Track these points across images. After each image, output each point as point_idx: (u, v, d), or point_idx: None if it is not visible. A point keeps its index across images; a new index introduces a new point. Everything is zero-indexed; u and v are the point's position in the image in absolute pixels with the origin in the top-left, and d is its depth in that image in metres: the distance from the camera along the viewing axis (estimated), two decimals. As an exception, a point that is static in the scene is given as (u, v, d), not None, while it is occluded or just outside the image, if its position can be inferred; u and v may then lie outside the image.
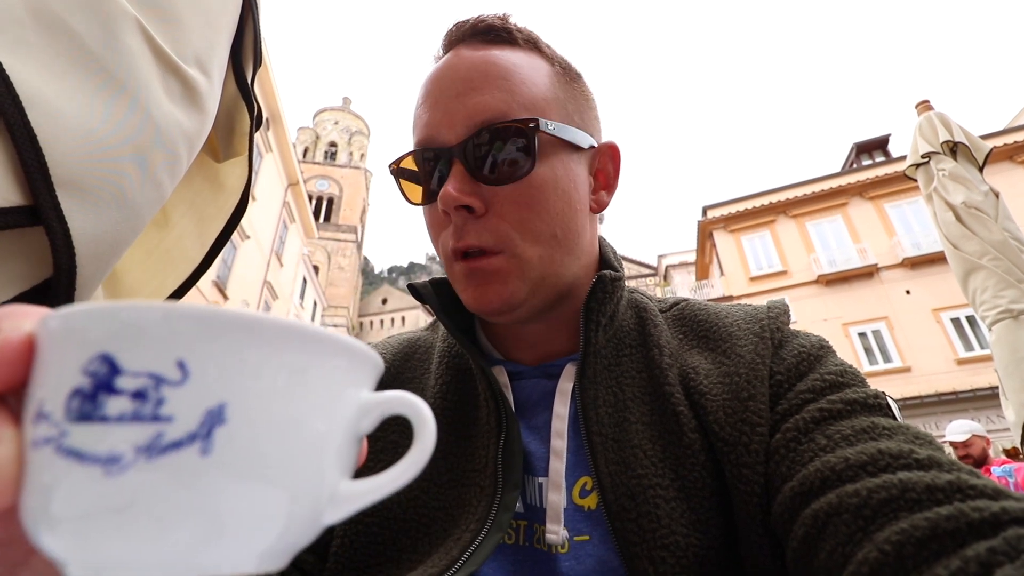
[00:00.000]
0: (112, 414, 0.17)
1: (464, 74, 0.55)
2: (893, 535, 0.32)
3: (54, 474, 0.17)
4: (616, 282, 0.58)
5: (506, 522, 0.48)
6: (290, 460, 0.19)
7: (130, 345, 0.18)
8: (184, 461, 0.17)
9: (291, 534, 0.20)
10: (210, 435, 0.18)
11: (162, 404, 0.17)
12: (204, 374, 0.18)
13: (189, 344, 0.18)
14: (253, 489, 0.18)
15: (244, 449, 0.18)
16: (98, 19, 0.54)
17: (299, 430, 0.20)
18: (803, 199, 16.80)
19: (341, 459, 0.22)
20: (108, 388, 0.17)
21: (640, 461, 0.49)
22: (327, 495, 0.21)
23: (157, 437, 0.17)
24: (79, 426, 0.17)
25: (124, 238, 0.58)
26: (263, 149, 16.70)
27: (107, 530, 0.17)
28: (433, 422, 0.24)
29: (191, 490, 0.17)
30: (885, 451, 0.38)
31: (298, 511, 0.20)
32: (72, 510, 0.17)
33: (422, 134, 0.56)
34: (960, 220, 2.83)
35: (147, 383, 0.17)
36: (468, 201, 0.52)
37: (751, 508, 0.44)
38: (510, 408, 0.54)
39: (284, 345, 0.19)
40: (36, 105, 0.47)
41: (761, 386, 0.49)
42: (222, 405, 0.18)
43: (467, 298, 0.56)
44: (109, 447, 0.17)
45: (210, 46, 0.72)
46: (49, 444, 0.17)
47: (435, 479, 0.54)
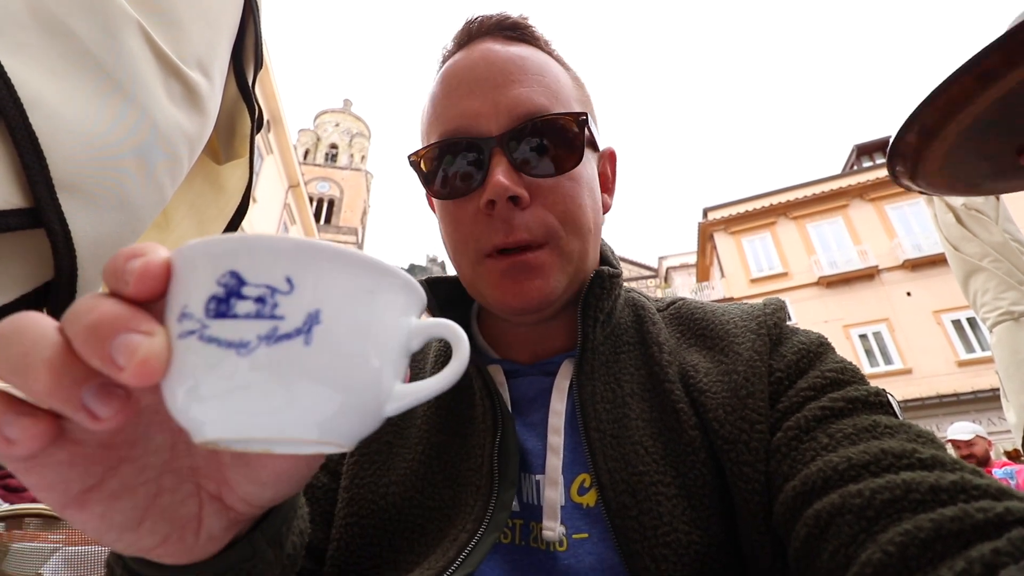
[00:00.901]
0: (241, 312, 0.23)
1: (501, 66, 0.55)
2: (897, 536, 0.31)
3: (198, 355, 0.23)
4: (614, 279, 0.58)
5: (503, 521, 0.47)
6: (363, 355, 0.25)
7: (252, 264, 0.23)
8: (292, 348, 0.23)
9: (353, 414, 0.26)
10: (311, 331, 0.23)
11: (277, 307, 0.23)
12: (305, 287, 0.24)
13: (293, 265, 0.24)
14: (337, 374, 0.24)
15: (334, 342, 0.24)
16: (99, 22, 0.55)
17: (369, 334, 0.26)
18: (804, 201, 16.81)
19: (396, 365, 0.28)
20: (237, 294, 0.23)
21: (641, 458, 0.48)
22: (387, 390, 0.27)
23: (274, 329, 0.23)
24: (217, 321, 0.23)
25: (125, 239, 0.59)
26: (264, 151, 16.71)
27: (231, 396, 0.23)
28: (467, 342, 0.29)
29: (292, 369, 0.23)
30: (888, 450, 0.37)
31: (361, 394, 0.26)
32: (210, 381, 0.23)
33: (456, 123, 0.54)
34: (960, 222, 2.83)
35: (265, 292, 0.23)
36: (518, 191, 0.51)
37: (752, 506, 0.44)
38: (505, 406, 0.53)
39: (360, 270, 0.25)
40: (37, 107, 0.47)
41: (760, 383, 0.49)
42: (318, 310, 0.24)
43: (502, 294, 0.54)
44: (240, 335, 0.23)
45: (211, 48, 0.73)
46: (193, 335, 0.23)
47: (430, 479, 0.53)
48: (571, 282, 0.55)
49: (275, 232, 5.86)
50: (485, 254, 0.54)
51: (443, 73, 0.59)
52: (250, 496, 0.32)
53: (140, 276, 0.23)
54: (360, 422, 0.27)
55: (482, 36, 0.59)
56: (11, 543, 1.41)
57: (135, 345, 0.22)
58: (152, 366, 0.22)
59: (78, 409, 0.23)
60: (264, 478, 0.31)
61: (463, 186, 0.54)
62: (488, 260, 0.54)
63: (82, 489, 0.27)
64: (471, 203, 0.54)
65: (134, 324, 0.23)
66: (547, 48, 0.61)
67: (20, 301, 0.51)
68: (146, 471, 0.30)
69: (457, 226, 0.56)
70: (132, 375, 0.22)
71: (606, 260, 0.63)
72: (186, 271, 0.24)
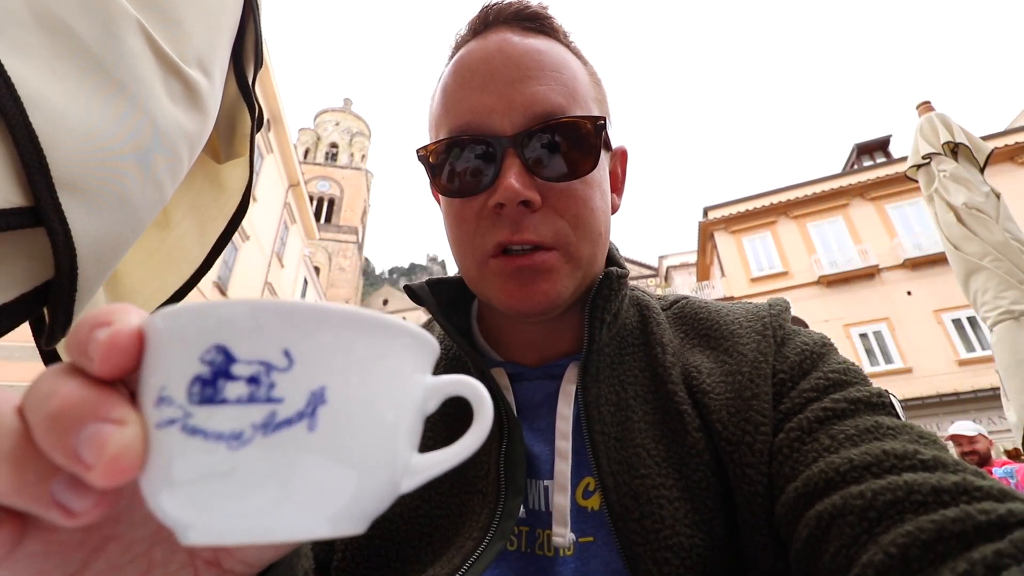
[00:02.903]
0: (231, 397, 0.20)
1: (517, 60, 0.52)
2: (899, 537, 0.31)
3: (180, 449, 0.20)
4: (621, 280, 0.58)
5: (509, 529, 0.46)
6: (375, 433, 0.22)
7: (241, 337, 0.20)
8: (294, 436, 0.20)
9: (368, 499, 0.23)
10: (315, 413, 0.20)
11: (273, 387, 0.20)
12: (306, 361, 0.20)
13: (291, 335, 0.20)
14: (348, 459, 0.21)
15: (342, 424, 0.21)
16: (99, 20, 0.54)
17: (381, 408, 0.23)
18: (804, 200, 16.79)
19: (412, 435, 0.25)
20: (226, 374, 0.20)
21: (643, 461, 0.48)
22: (402, 465, 0.24)
23: (271, 415, 0.20)
24: (202, 408, 0.20)
25: (125, 239, 0.59)
26: (264, 150, 16.71)
27: (222, 495, 0.20)
28: (490, 400, 0.27)
29: (296, 460, 0.20)
30: (890, 452, 0.37)
31: (375, 478, 0.23)
32: (196, 480, 0.20)
33: (468, 118, 0.52)
34: (961, 221, 2.83)
35: (259, 369, 0.20)
36: (529, 196, 0.49)
37: (755, 508, 0.43)
38: (512, 412, 0.52)
39: (367, 334, 0.22)
40: (38, 106, 0.47)
41: (764, 384, 0.48)
42: (323, 387, 0.21)
43: (507, 297, 0.52)
44: (231, 425, 0.19)
45: (211, 47, 0.73)
46: (174, 424, 0.20)
47: (436, 487, 0.52)
48: (579, 286, 0.55)
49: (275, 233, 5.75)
50: (490, 254, 0.52)
51: (456, 62, 0.56)
52: (250, 558, 0.30)
53: (107, 350, 0.20)
54: (374, 506, 0.23)
55: (499, 25, 0.56)
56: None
57: (104, 438, 0.19)
58: (126, 463, 0.19)
59: (49, 506, 0.20)
60: None
61: (472, 184, 0.52)
62: (493, 261, 0.52)
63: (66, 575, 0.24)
64: (479, 201, 0.52)
65: (103, 412, 0.19)
66: (565, 41, 0.58)
67: (20, 300, 0.51)
68: (134, 547, 0.27)
69: (462, 223, 0.54)
70: (102, 474, 0.19)
71: (613, 260, 0.62)
72: (163, 344, 0.21)
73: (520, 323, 0.59)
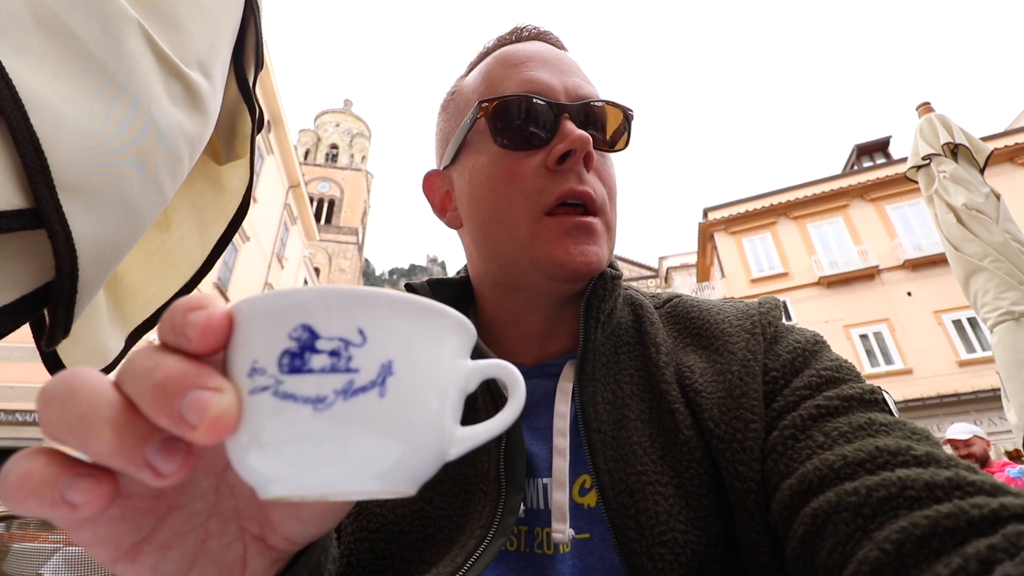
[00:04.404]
0: (316, 367, 0.23)
1: (560, 57, 0.62)
2: (893, 534, 0.31)
3: (273, 411, 0.23)
4: (615, 280, 0.59)
5: (511, 526, 0.47)
6: (430, 403, 0.26)
7: (324, 317, 0.23)
8: (368, 401, 0.23)
9: (421, 461, 0.26)
10: (384, 383, 0.23)
11: (351, 360, 0.23)
12: (377, 338, 0.24)
13: (365, 316, 0.24)
14: (409, 424, 0.24)
15: (405, 393, 0.24)
16: (100, 22, 0.55)
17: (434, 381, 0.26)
18: (804, 201, 16.80)
19: (456, 409, 0.28)
20: (312, 348, 0.23)
21: (639, 458, 0.49)
22: (449, 434, 0.27)
23: (350, 383, 0.23)
24: (291, 376, 0.23)
25: (126, 240, 0.59)
26: (264, 151, 16.72)
27: (306, 452, 0.23)
28: (523, 382, 0.30)
29: (369, 422, 0.23)
30: (883, 448, 0.38)
31: (430, 442, 0.26)
32: (286, 438, 0.23)
33: (529, 86, 0.58)
34: (961, 222, 2.83)
35: (339, 344, 0.23)
36: (592, 150, 0.55)
37: (749, 505, 0.44)
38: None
39: (425, 317, 0.25)
40: (38, 108, 0.47)
41: (754, 383, 0.49)
42: (391, 361, 0.24)
43: (564, 254, 0.53)
44: (317, 390, 0.22)
45: (212, 49, 0.73)
46: (267, 391, 0.23)
47: (438, 488, 0.53)
48: (607, 258, 0.58)
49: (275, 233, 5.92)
50: (546, 210, 0.54)
51: (503, 52, 0.63)
52: (293, 535, 0.32)
53: (204, 330, 0.23)
54: (426, 469, 0.27)
55: (530, 38, 0.66)
56: (12, 543, 1.41)
57: (206, 403, 0.22)
58: (224, 423, 0.22)
59: (142, 467, 0.22)
60: (307, 517, 0.31)
61: (532, 140, 0.56)
62: (548, 219, 0.54)
63: (134, 542, 0.27)
64: (535, 158, 0.56)
65: (202, 380, 0.22)
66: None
67: (20, 302, 0.51)
68: (194, 517, 0.29)
69: (516, 180, 0.56)
70: (205, 433, 0.22)
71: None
72: (253, 325, 0.24)
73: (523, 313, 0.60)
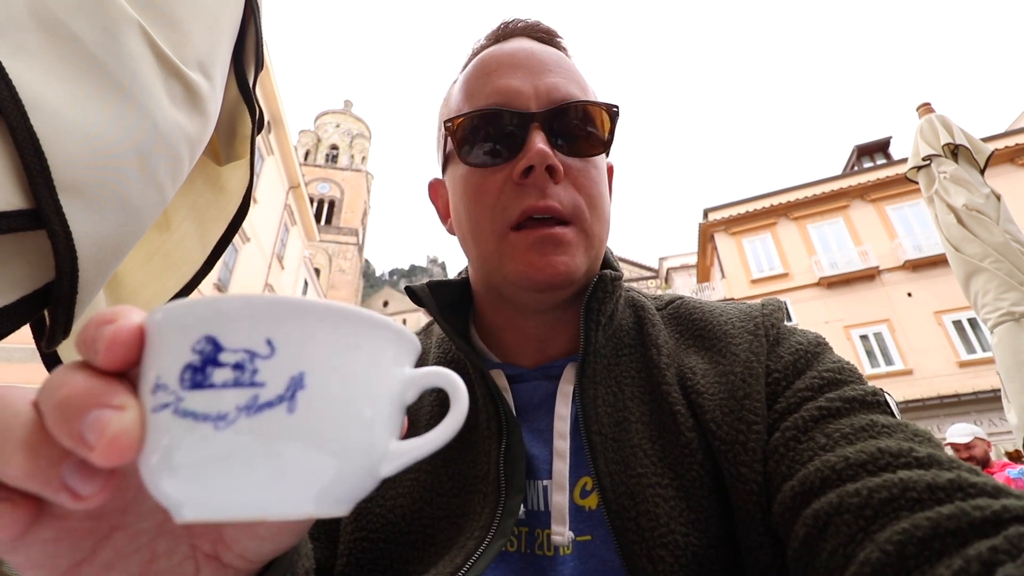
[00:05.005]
0: (218, 381, 0.22)
1: (541, 56, 0.59)
2: (895, 535, 0.31)
3: (173, 430, 0.22)
4: (616, 281, 0.59)
5: (510, 528, 0.47)
6: (353, 416, 0.24)
7: (228, 328, 0.22)
8: (275, 417, 0.22)
9: (348, 480, 0.24)
10: (294, 397, 0.22)
11: (256, 373, 0.22)
12: (287, 349, 0.22)
13: (273, 325, 0.22)
14: (326, 441, 0.23)
15: (319, 408, 0.23)
16: (101, 23, 0.55)
17: (357, 393, 0.24)
18: (804, 201, 16.80)
19: (391, 422, 0.27)
20: (214, 362, 0.22)
21: (640, 460, 0.49)
22: (380, 450, 0.26)
23: (254, 399, 0.22)
24: (192, 393, 0.21)
25: (126, 241, 0.59)
26: (264, 152, 16.73)
27: (210, 473, 0.22)
28: (466, 392, 0.28)
29: (277, 440, 0.22)
30: (885, 449, 0.38)
31: (354, 460, 0.24)
32: (187, 459, 0.22)
33: (496, 98, 0.56)
34: (961, 222, 2.83)
35: (244, 357, 0.22)
36: (555, 163, 0.52)
37: (750, 507, 0.44)
38: (511, 412, 0.53)
39: (344, 325, 0.24)
40: (38, 109, 0.47)
41: (757, 384, 0.49)
42: (302, 373, 0.22)
43: (528, 267, 0.53)
44: (218, 407, 0.21)
45: (212, 49, 0.73)
46: (168, 408, 0.22)
47: (437, 488, 0.53)
48: (589, 267, 0.56)
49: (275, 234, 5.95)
50: (512, 225, 0.53)
51: (480, 59, 0.61)
52: (248, 552, 0.30)
53: (110, 344, 0.22)
54: (355, 487, 0.25)
55: (517, 34, 0.64)
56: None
57: (104, 422, 0.21)
58: (124, 444, 0.21)
59: (58, 490, 0.22)
60: (263, 533, 0.30)
61: (497, 156, 0.55)
62: (513, 234, 0.54)
63: (72, 564, 0.26)
64: (501, 173, 0.55)
65: (105, 399, 0.21)
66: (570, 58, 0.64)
67: (21, 302, 0.51)
68: (139, 537, 0.28)
69: (482, 197, 0.55)
70: (102, 455, 0.21)
71: (607, 263, 0.64)
72: (159, 337, 0.23)
73: (520, 317, 0.60)
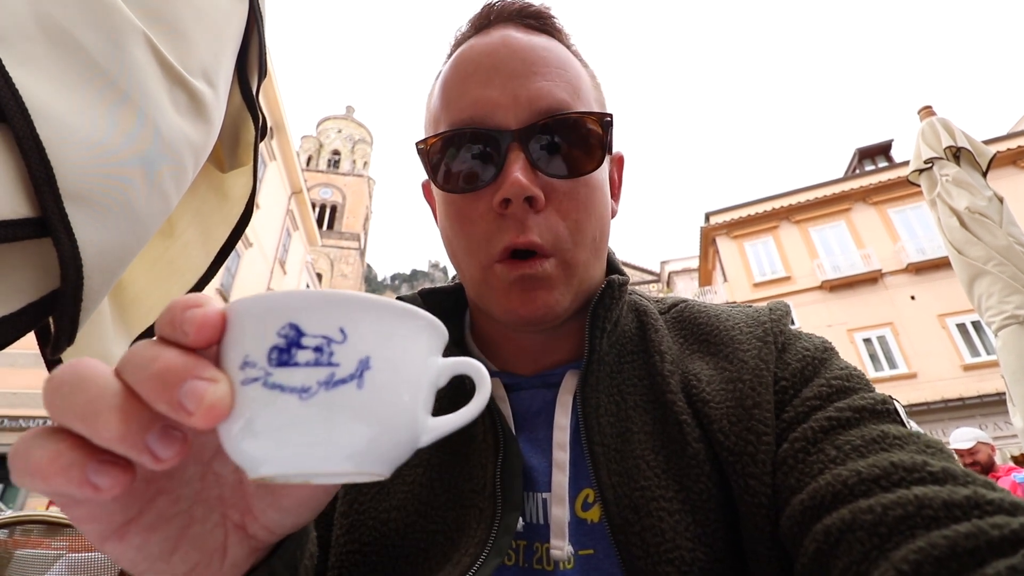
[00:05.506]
0: (301, 361, 0.25)
1: (523, 55, 0.51)
2: (911, 554, 0.31)
3: (262, 400, 0.25)
4: (622, 287, 0.57)
5: (506, 545, 0.45)
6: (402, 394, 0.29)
7: (309, 318, 0.26)
8: (347, 391, 0.26)
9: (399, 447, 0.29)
10: (362, 375, 0.26)
11: (333, 355, 0.26)
12: (356, 336, 0.27)
13: (345, 317, 0.27)
14: (384, 413, 0.27)
15: (380, 386, 0.27)
16: (106, 33, 0.55)
17: (406, 376, 0.29)
18: (806, 205, 16.78)
19: (427, 401, 0.31)
20: (297, 345, 0.26)
21: (643, 472, 0.47)
22: (421, 423, 0.30)
23: (331, 376, 0.26)
24: (279, 369, 0.25)
25: (130, 248, 0.59)
26: (267, 158, 16.79)
27: (291, 436, 0.25)
28: (489, 379, 0.33)
29: (348, 410, 0.26)
30: (898, 464, 0.37)
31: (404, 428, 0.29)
32: (271, 423, 0.25)
33: (471, 112, 0.51)
34: (964, 225, 2.82)
35: (322, 341, 0.26)
36: (535, 192, 0.48)
37: (758, 520, 0.42)
38: (508, 425, 0.51)
39: (399, 319, 0.28)
40: (45, 117, 0.48)
41: (766, 393, 0.47)
42: (368, 356, 0.27)
43: (510, 305, 0.51)
44: (302, 381, 0.25)
45: (216, 59, 0.73)
46: (257, 381, 0.25)
47: (432, 502, 0.51)
48: (576, 295, 0.53)
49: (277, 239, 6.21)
50: (496, 259, 0.51)
51: (457, 57, 0.55)
52: (272, 524, 0.33)
53: (200, 326, 0.25)
54: (399, 453, 0.30)
55: (502, 22, 0.56)
56: (15, 549, 1.41)
57: (202, 391, 0.24)
58: (219, 410, 0.24)
59: (143, 452, 0.24)
60: (287, 506, 0.33)
61: (475, 180, 0.51)
62: (498, 266, 0.51)
63: (123, 521, 0.29)
64: (482, 199, 0.51)
65: (198, 371, 0.24)
66: (567, 42, 0.58)
67: (26, 310, 0.51)
68: (179, 502, 0.31)
69: (465, 224, 0.53)
70: (201, 418, 0.24)
71: (612, 266, 0.61)
72: (245, 323, 0.27)
73: (517, 332, 0.57)
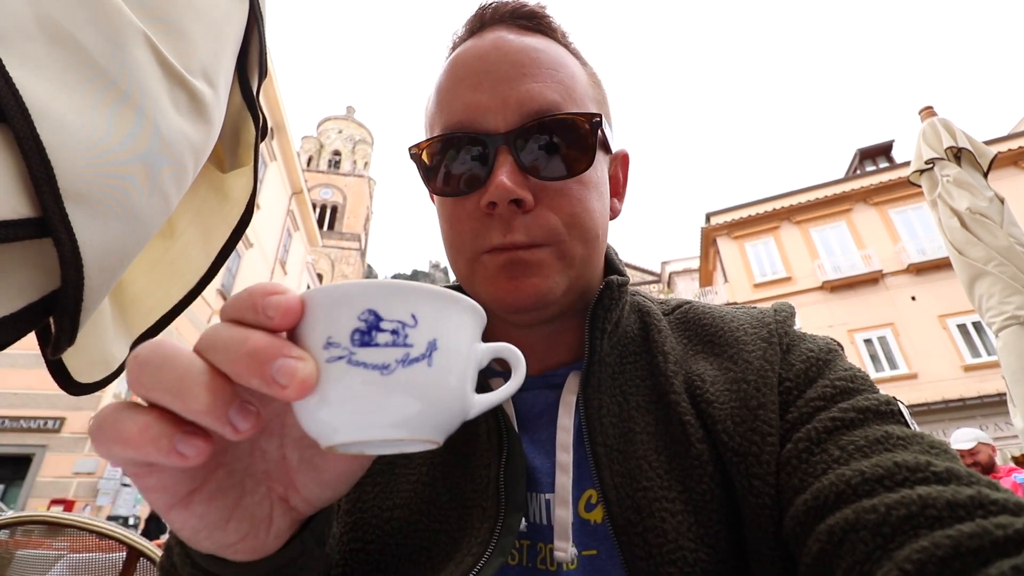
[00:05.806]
0: (381, 342, 0.29)
1: (513, 57, 0.52)
2: (914, 554, 0.31)
3: (347, 375, 0.28)
4: (622, 288, 0.57)
5: (509, 545, 0.45)
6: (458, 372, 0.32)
7: (386, 304, 0.30)
8: (420, 369, 0.30)
9: (455, 417, 0.33)
10: (431, 356, 0.30)
11: (407, 337, 0.29)
12: (425, 321, 0.30)
13: (416, 304, 0.30)
14: (447, 387, 0.31)
15: (444, 365, 0.31)
16: (106, 33, 0.55)
17: (461, 356, 0.33)
18: (807, 205, 16.78)
19: (474, 379, 0.35)
20: (377, 328, 0.29)
21: (645, 473, 0.47)
22: (469, 399, 0.34)
23: (407, 355, 0.29)
24: (362, 349, 0.29)
25: (131, 249, 0.59)
26: (267, 158, 16.79)
27: (369, 407, 0.29)
28: (524, 361, 0.37)
29: (420, 385, 0.30)
30: (902, 464, 0.37)
31: (461, 400, 0.33)
32: (351, 396, 0.29)
33: (461, 116, 0.52)
34: (965, 226, 2.82)
35: (398, 325, 0.29)
36: (521, 195, 0.48)
37: (762, 521, 0.43)
38: (511, 425, 0.52)
39: (456, 307, 0.32)
40: (45, 117, 0.48)
41: (771, 393, 0.47)
42: (435, 339, 0.30)
43: (498, 290, 0.51)
44: (383, 359, 0.29)
45: (216, 58, 0.73)
46: (342, 359, 0.28)
47: (435, 501, 0.51)
48: (571, 286, 0.53)
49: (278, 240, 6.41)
50: (481, 251, 0.52)
51: (451, 61, 0.56)
52: (312, 496, 0.36)
53: (285, 311, 0.28)
54: (452, 425, 0.33)
55: (495, 23, 0.56)
56: (15, 550, 1.41)
57: (293, 367, 0.26)
58: (309, 384, 0.27)
59: (225, 424, 0.27)
60: (327, 479, 0.35)
61: (465, 183, 0.52)
62: (485, 256, 0.51)
63: (188, 491, 0.31)
64: (471, 201, 0.52)
65: (287, 351, 0.27)
66: (564, 40, 0.58)
67: (26, 310, 0.51)
68: (234, 475, 0.34)
69: (455, 223, 0.54)
70: (294, 391, 0.26)
71: (612, 267, 0.61)
72: (325, 309, 0.30)
73: (516, 328, 0.57)
